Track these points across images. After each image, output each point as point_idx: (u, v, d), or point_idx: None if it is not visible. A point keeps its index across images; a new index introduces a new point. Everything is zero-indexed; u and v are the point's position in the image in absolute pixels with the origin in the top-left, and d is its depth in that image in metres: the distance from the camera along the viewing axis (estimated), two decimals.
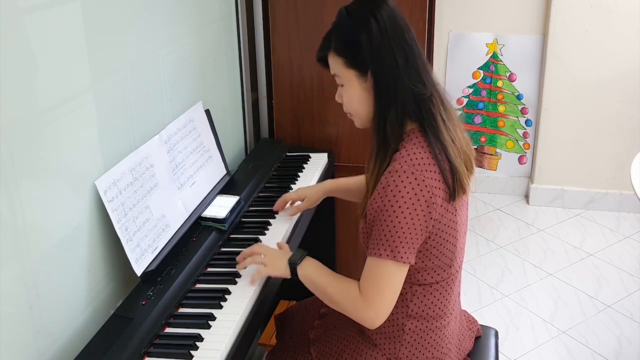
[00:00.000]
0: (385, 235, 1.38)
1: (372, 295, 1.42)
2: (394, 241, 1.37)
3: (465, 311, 1.73)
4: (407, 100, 1.43)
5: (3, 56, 1.19)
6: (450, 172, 1.41)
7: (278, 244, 1.70)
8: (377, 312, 1.43)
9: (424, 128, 1.43)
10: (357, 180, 1.86)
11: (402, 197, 1.36)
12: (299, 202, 1.93)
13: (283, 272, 1.56)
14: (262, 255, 1.58)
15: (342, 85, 1.51)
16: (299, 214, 1.93)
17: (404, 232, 1.37)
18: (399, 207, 1.36)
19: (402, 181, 1.36)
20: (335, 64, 1.49)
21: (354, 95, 1.49)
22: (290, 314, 1.85)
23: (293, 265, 1.55)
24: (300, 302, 1.89)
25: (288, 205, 1.93)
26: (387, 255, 1.38)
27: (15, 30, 1.23)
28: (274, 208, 1.93)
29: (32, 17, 1.28)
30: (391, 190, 1.37)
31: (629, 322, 2.77)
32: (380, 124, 1.45)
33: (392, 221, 1.37)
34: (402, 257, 1.38)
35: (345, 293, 1.47)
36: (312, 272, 1.54)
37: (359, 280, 1.46)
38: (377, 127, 1.47)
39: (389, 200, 1.37)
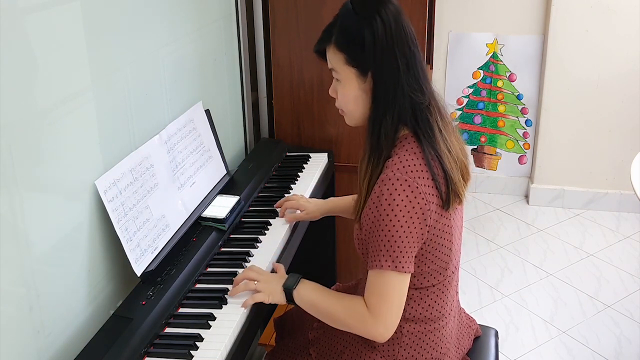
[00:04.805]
0: (384, 246, 1.37)
1: (379, 309, 1.40)
2: (394, 251, 1.36)
3: (462, 309, 1.73)
4: (404, 107, 1.41)
5: (3, 56, 1.19)
6: (444, 180, 1.40)
7: (274, 265, 1.66)
8: (387, 325, 1.41)
9: (417, 136, 1.42)
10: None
11: (397, 205, 1.35)
12: (298, 211, 1.91)
13: (278, 298, 1.52)
14: (256, 282, 1.54)
15: (338, 80, 1.48)
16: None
17: (402, 242, 1.36)
18: (395, 216, 1.35)
19: (395, 189, 1.35)
20: (336, 60, 1.45)
21: (350, 94, 1.46)
22: (289, 317, 1.85)
23: (288, 290, 1.51)
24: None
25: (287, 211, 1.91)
26: (389, 266, 1.37)
27: (15, 30, 1.23)
28: (276, 205, 1.92)
29: (32, 17, 1.27)
30: (385, 199, 1.35)
31: (629, 322, 2.77)
32: (375, 128, 1.43)
33: (389, 231, 1.35)
34: (403, 267, 1.37)
35: (351, 310, 1.44)
36: (310, 294, 1.51)
37: (360, 295, 1.45)
38: (371, 131, 1.44)
39: (384, 210, 1.35)
